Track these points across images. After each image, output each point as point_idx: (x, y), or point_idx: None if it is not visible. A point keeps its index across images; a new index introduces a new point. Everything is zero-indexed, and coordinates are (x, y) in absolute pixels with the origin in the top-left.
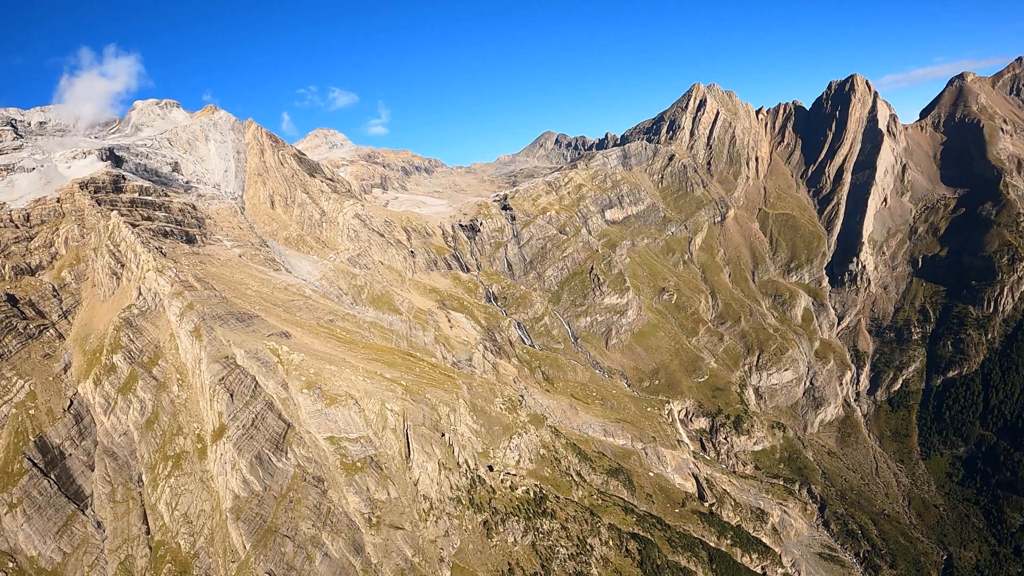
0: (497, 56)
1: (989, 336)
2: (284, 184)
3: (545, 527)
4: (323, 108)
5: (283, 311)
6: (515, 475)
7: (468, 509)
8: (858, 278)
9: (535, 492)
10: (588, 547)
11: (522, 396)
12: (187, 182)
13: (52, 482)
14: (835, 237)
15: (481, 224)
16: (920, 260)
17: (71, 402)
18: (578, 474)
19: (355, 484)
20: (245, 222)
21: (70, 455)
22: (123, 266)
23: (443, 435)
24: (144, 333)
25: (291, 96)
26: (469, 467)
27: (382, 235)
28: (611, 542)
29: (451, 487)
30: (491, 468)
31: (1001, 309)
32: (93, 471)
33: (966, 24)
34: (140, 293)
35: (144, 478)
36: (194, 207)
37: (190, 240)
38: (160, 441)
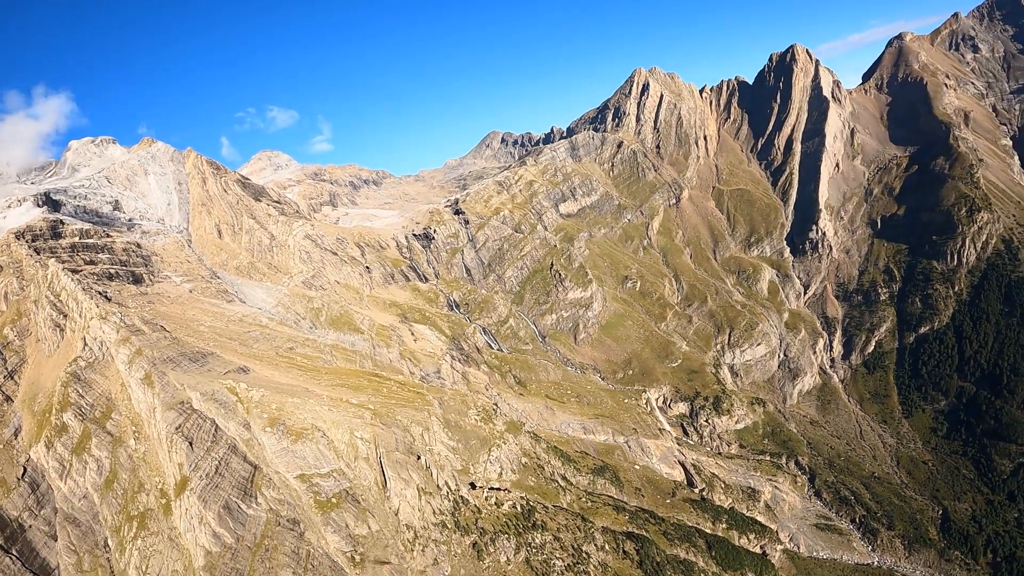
0: (432, 60)
1: (956, 289)
2: (230, 211)
3: (537, 541)
4: (263, 129)
5: (239, 344)
6: (499, 489)
7: (455, 533)
8: (819, 245)
9: (522, 505)
10: (584, 555)
11: (496, 404)
12: (130, 220)
13: (15, 559)
14: (792, 207)
15: (435, 231)
16: (879, 221)
17: (24, 469)
18: (563, 478)
19: (332, 522)
20: (193, 255)
21: (30, 527)
22: (66, 316)
23: (419, 458)
24: (94, 386)
25: (230, 120)
26: (450, 488)
27: (335, 253)
28: (607, 546)
29: (434, 512)
30: (473, 486)
31: (965, 261)
32: (56, 541)
33: None
34: (85, 343)
35: (110, 542)
36: (139, 245)
37: (137, 280)
38: (122, 501)
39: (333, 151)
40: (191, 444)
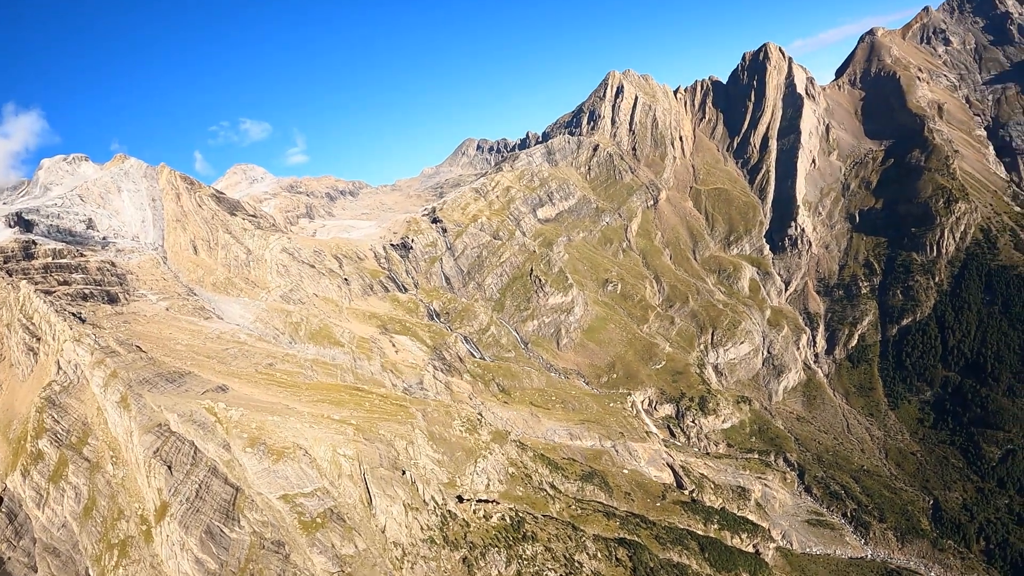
0: (404, 68)
1: (937, 279)
2: (205, 227)
3: (528, 552)
4: (237, 143)
5: (217, 362)
6: (487, 501)
7: (444, 548)
8: (798, 241)
9: (511, 517)
10: (577, 564)
11: (480, 413)
12: (104, 238)
13: None
14: (770, 204)
15: (413, 241)
16: (857, 215)
17: (1, 499)
18: (552, 486)
19: (318, 542)
20: (169, 272)
21: (9, 559)
22: (39, 340)
23: (404, 473)
24: (69, 411)
25: (203, 134)
26: (437, 503)
27: (313, 266)
28: (599, 554)
29: (421, 528)
30: (460, 499)
31: (944, 251)
32: (37, 573)
33: None
34: (60, 367)
35: (91, 572)
36: (113, 264)
37: (112, 300)
38: (102, 529)
39: (309, 163)
40: (170, 468)
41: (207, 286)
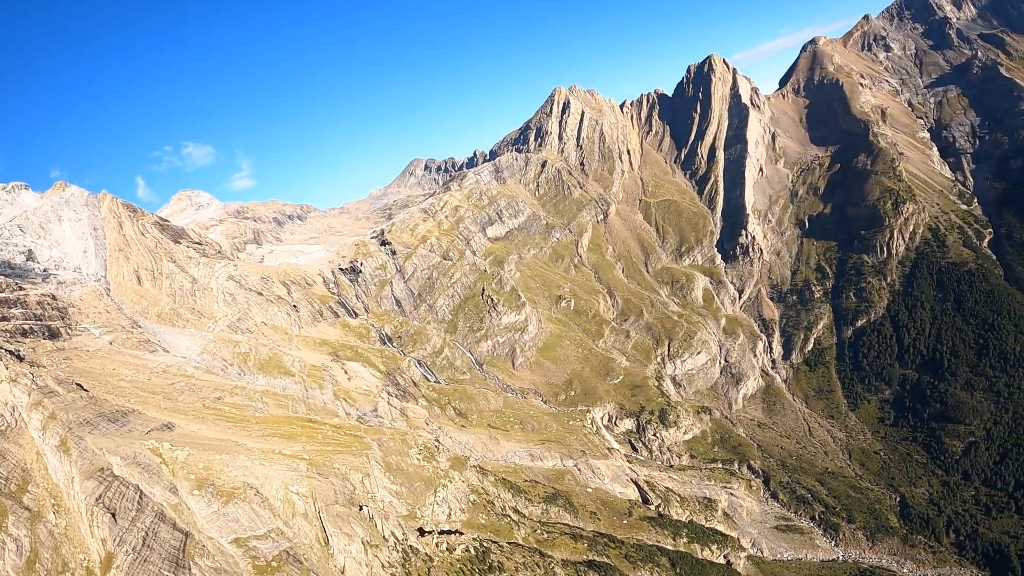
0: (348, 87)
1: (889, 280)
2: (148, 256)
3: None
4: (181, 168)
5: (163, 398)
6: (450, 532)
7: None
8: (750, 249)
9: (475, 548)
10: None
11: (438, 440)
12: (44, 270)
13: None
14: (719, 214)
15: (362, 264)
16: (807, 221)
17: None
18: (515, 511)
19: None
20: (112, 304)
21: None
22: None
23: (361, 508)
24: (8, 456)
25: (146, 159)
26: (397, 538)
27: (260, 293)
28: None
29: (383, 565)
30: (422, 532)
31: (895, 252)
32: None
33: None
34: None
35: None
36: (54, 297)
37: (53, 335)
38: None
39: (255, 187)
40: (114, 515)
41: (152, 317)
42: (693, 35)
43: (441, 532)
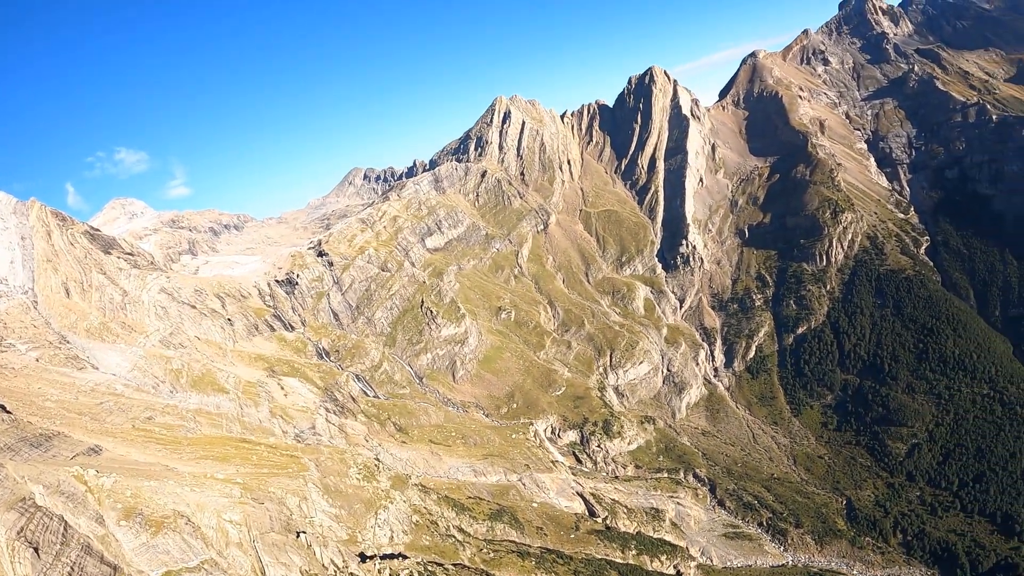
0: (286, 94)
1: (828, 287)
2: (78, 267)
3: None
4: (115, 175)
5: (91, 419)
6: (393, 557)
7: None
8: (690, 259)
9: (420, 572)
10: None
11: (378, 457)
12: None
13: None
14: (660, 224)
15: (298, 276)
16: (747, 230)
17: None
18: (460, 530)
19: None
20: (40, 318)
21: None
22: None
23: (299, 535)
24: None
25: (78, 165)
26: (337, 566)
27: (194, 307)
28: None
29: None
30: (363, 557)
31: (834, 260)
32: None
33: (743, 12)
34: None
35: None
36: None
37: None
38: None
39: (191, 196)
40: (37, 550)
41: (81, 332)
42: (635, 47)
43: (383, 557)
